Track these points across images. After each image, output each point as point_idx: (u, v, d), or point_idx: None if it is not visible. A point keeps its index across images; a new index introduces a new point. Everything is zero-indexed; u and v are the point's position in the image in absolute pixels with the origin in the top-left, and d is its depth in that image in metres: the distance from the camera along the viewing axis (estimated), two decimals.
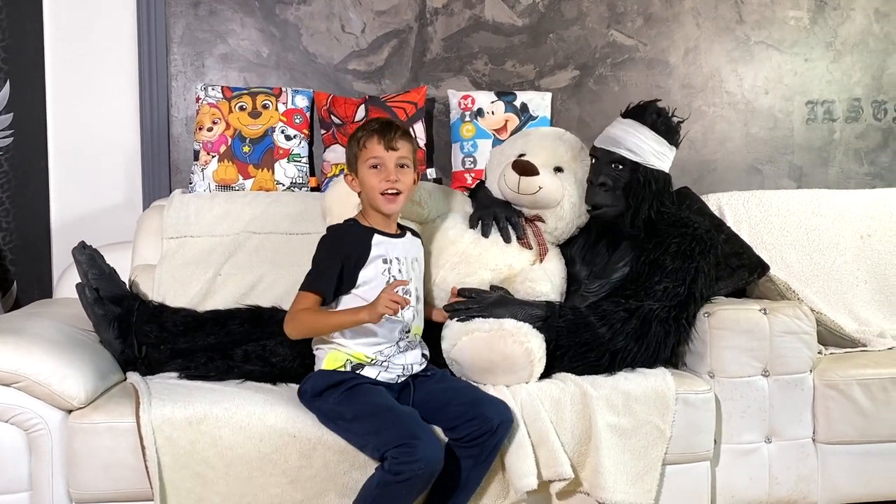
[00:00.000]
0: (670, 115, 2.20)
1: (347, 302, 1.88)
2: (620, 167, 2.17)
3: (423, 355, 1.98)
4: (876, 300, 2.70)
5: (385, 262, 1.90)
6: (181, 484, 1.79)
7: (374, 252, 1.89)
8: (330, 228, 1.95)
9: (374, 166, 1.88)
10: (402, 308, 1.79)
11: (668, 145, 2.19)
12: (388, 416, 1.78)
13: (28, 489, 1.81)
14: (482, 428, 1.81)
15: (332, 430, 1.84)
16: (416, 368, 1.94)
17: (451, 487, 1.83)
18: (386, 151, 1.88)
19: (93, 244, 2.22)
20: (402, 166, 1.90)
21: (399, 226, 2.01)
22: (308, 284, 1.87)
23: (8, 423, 1.80)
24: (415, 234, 2.06)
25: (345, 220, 1.97)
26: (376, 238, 1.91)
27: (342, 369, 1.86)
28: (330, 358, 1.88)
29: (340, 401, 1.82)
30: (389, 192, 1.88)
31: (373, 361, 1.87)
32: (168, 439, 1.79)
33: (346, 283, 1.87)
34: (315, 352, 1.93)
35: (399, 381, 1.90)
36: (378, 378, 1.88)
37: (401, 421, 1.77)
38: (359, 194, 1.97)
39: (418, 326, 1.98)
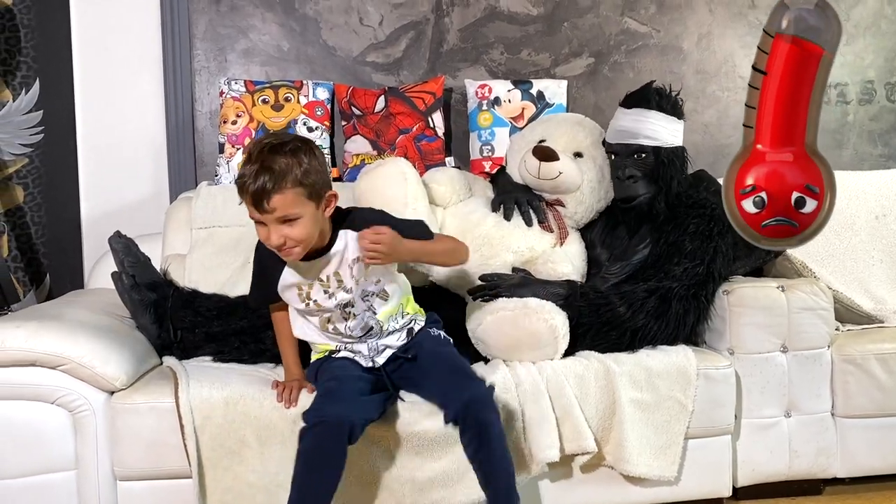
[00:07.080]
0: (668, 91, 2.27)
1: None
2: (643, 155, 2.22)
3: (410, 330, 1.91)
4: (891, 279, 2.72)
5: (300, 288, 1.83)
6: (218, 462, 1.85)
7: (283, 281, 1.83)
8: (259, 243, 1.82)
9: (260, 222, 1.72)
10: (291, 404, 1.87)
11: (678, 120, 2.26)
12: (332, 383, 1.79)
13: (74, 468, 1.87)
14: (453, 414, 1.74)
15: None
16: (394, 348, 1.89)
17: (480, 478, 1.76)
18: (261, 215, 1.70)
19: None
20: (286, 221, 1.69)
21: (334, 230, 1.80)
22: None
23: (54, 405, 1.86)
24: (353, 228, 1.81)
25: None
26: (286, 271, 1.83)
27: (320, 357, 1.92)
28: (314, 353, 1.94)
29: (321, 376, 1.87)
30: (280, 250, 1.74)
31: (338, 349, 1.89)
32: (206, 419, 1.85)
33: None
34: None
35: (375, 365, 1.87)
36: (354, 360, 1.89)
37: (339, 389, 1.77)
38: None
39: (386, 312, 1.86)
